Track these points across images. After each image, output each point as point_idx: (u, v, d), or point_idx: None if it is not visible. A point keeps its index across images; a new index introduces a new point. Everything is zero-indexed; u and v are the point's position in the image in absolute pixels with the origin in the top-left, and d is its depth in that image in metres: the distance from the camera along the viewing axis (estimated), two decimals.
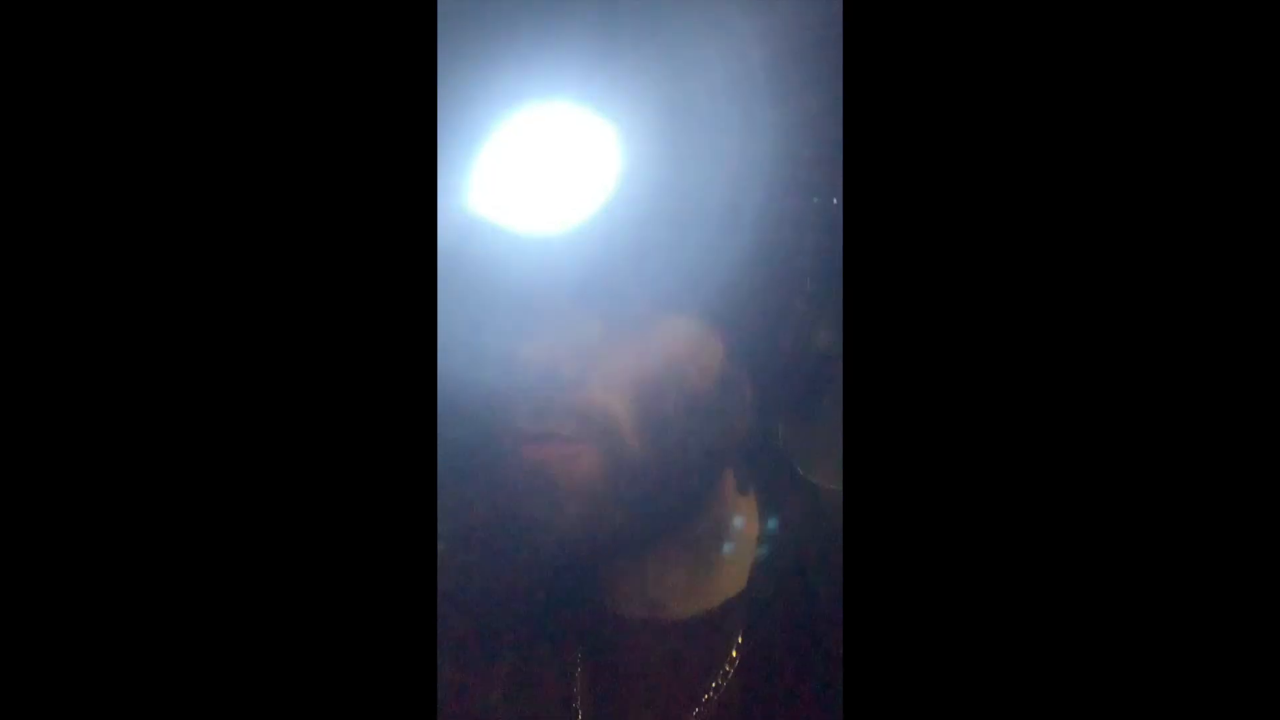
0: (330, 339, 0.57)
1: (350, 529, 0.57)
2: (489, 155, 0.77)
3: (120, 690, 0.54)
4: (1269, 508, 0.51)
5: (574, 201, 0.78)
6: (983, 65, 0.55)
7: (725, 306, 0.79)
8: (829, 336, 0.81)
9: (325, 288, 0.58)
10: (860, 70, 0.56)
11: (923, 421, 0.55)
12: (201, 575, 0.56)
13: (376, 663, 0.56)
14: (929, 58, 0.56)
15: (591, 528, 0.77)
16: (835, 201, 0.81)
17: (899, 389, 0.55)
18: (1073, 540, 0.53)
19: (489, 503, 0.85)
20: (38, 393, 0.55)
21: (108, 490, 0.55)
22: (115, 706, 0.54)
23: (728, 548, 0.88)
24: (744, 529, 0.89)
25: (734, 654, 0.84)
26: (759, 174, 0.76)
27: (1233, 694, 0.51)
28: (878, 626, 0.53)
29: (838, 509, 0.70)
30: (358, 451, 0.57)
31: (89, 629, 0.55)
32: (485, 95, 0.77)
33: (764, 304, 0.81)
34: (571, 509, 0.76)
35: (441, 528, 0.80)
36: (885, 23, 0.56)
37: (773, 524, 0.87)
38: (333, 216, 0.58)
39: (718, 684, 0.84)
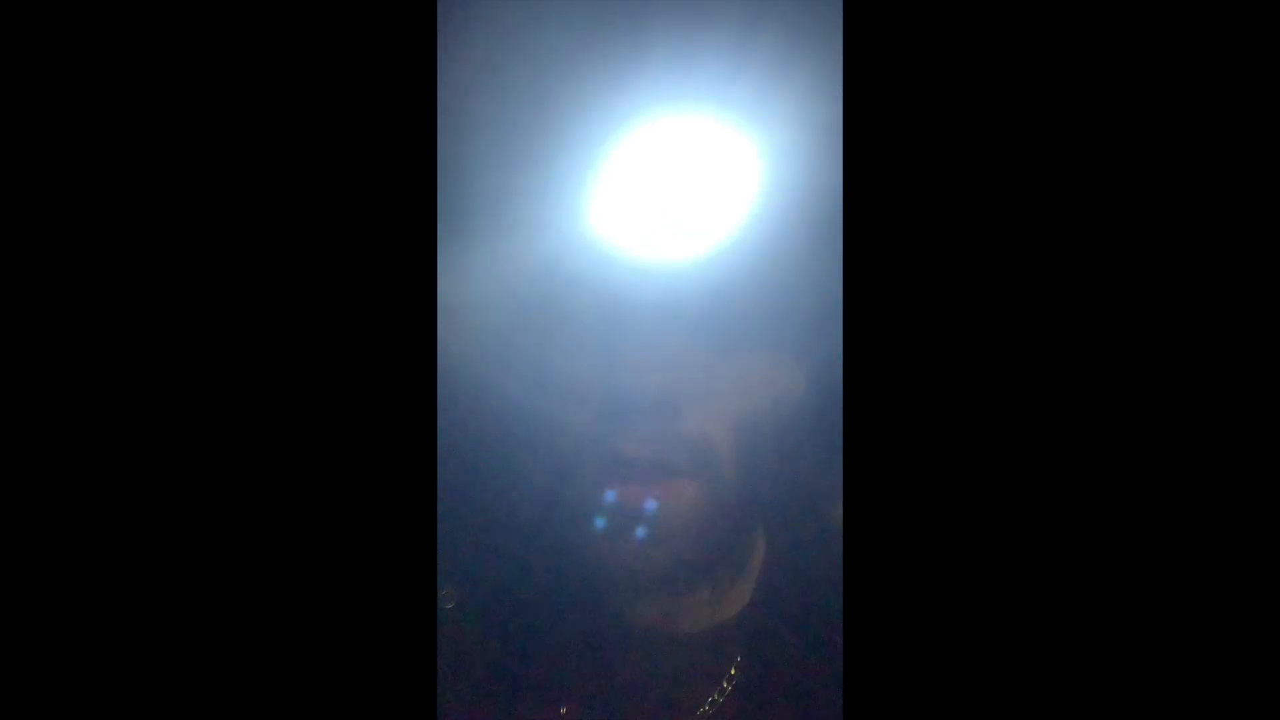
0: (333, 344, 0.57)
1: (351, 531, 0.56)
2: (614, 170, 0.71)
3: (120, 689, 0.54)
4: (1268, 508, 0.51)
5: (703, 225, 0.72)
6: (982, 65, 0.55)
7: (808, 342, 0.78)
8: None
9: (328, 291, 0.57)
10: (860, 70, 0.56)
11: (922, 422, 0.55)
12: (202, 573, 0.55)
13: (376, 661, 0.56)
14: (929, 58, 0.55)
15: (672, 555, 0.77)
16: None
17: (899, 389, 0.55)
18: (1072, 540, 0.53)
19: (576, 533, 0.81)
20: (37, 392, 0.55)
21: (112, 491, 0.55)
22: (115, 706, 0.54)
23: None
24: (757, 556, 0.87)
25: (733, 670, 0.84)
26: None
27: (1233, 694, 0.51)
28: (877, 626, 0.54)
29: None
30: (360, 453, 0.56)
31: (89, 627, 0.54)
32: (613, 104, 0.71)
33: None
34: (662, 549, 0.76)
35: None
36: (885, 22, 0.56)
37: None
38: (335, 219, 0.57)
39: (714, 699, 0.83)
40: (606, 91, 0.70)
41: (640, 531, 0.75)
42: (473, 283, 0.72)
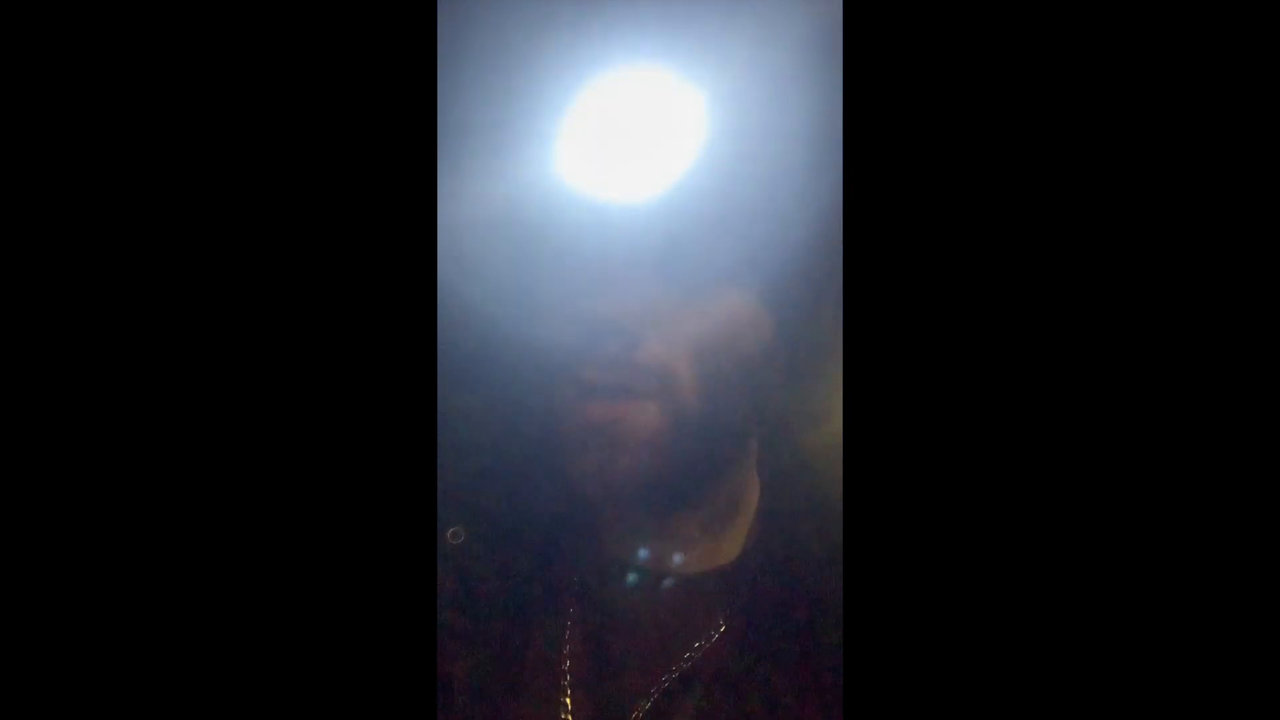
0: (332, 333, 0.57)
1: (350, 524, 0.56)
2: (575, 120, 0.76)
3: (121, 688, 0.54)
4: (1268, 508, 0.51)
5: (656, 169, 0.77)
6: (983, 66, 0.55)
7: (781, 285, 0.81)
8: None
9: (326, 280, 0.57)
10: (860, 70, 0.56)
11: (922, 419, 0.54)
12: (201, 571, 0.56)
13: (377, 652, 0.56)
14: (928, 58, 0.55)
15: (640, 480, 0.79)
16: None
17: (898, 387, 0.55)
18: (1074, 538, 0.53)
19: (542, 450, 0.85)
20: (37, 393, 0.54)
21: (115, 493, 0.55)
22: (116, 705, 0.54)
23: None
24: (752, 501, 0.89)
25: (721, 624, 0.85)
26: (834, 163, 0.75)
27: (1232, 694, 0.51)
28: (877, 626, 0.53)
29: (828, 486, 0.71)
30: (359, 446, 0.56)
31: (90, 626, 0.54)
32: (570, 58, 0.75)
33: (816, 289, 0.82)
34: (623, 461, 0.78)
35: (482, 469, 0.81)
36: (885, 22, 0.55)
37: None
38: (334, 208, 0.58)
39: (700, 644, 0.85)
40: (571, 42, 0.75)
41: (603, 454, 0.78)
42: (456, 206, 0.74)
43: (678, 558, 0.87)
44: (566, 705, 0.84)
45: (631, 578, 0.85)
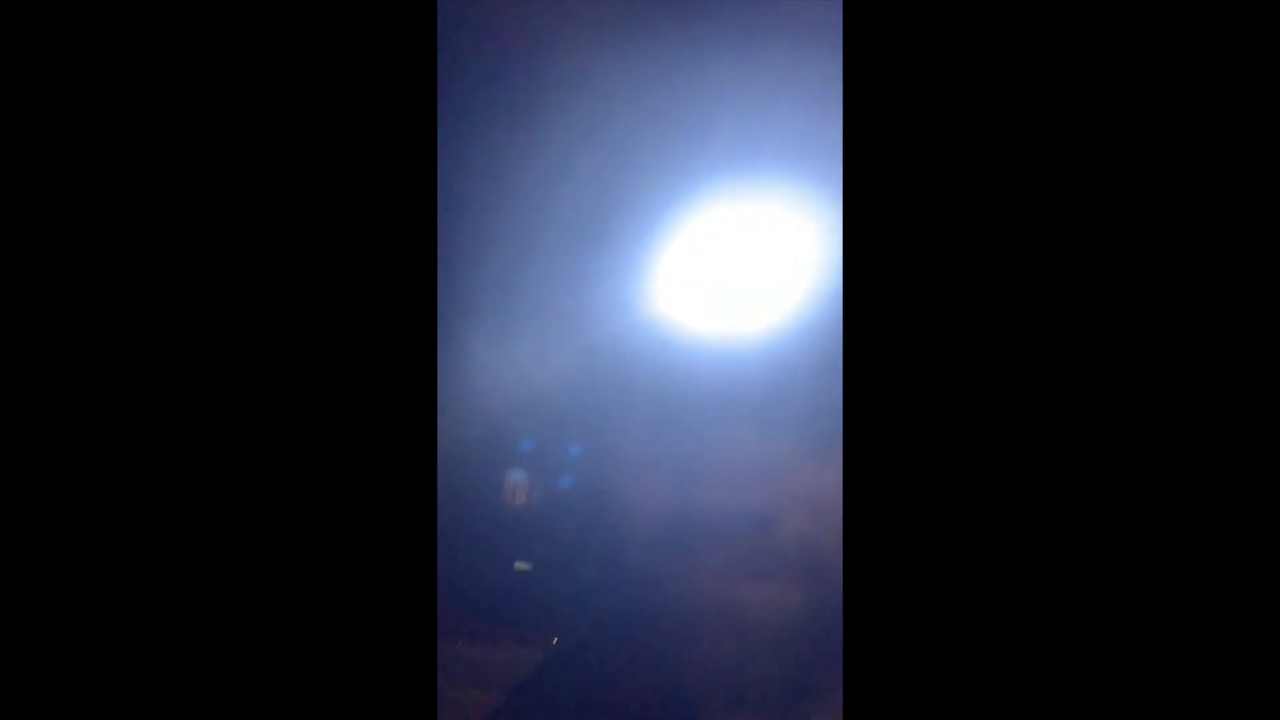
0: (337, 353, 0.57)
1: (353, 534, 0.56)
2: (675, 251, 0.72)
3: (122, 688, 0.54)
4: (1266, 508, 0.51)
5: (766, 303, 0.71)
6: (983, 68, 0.55)
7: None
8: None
9: (333, 299, 0.57)
10: (860, 71, 0.56)
11: (919, 423, 0.54)
12: (204, 574, 0.55)
13: (377, 661, 0.55)
14: (929, 59, 0.55)
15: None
16: None
17: (896, 391, 0.54)
18: (1074, 540, 0.53)
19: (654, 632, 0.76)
20: (46, 396, 0.55)
21: (119, 494, 0.55)
22: (116, 704, 0.54)
23: None
24: None
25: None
26: None
27: (1231, 694, 0.51)
28: (877, 625, 0.54)
29: None
30: (361, 458, 0.56)
31: (92, 625, 0.54)
32: (676, 186, 0.72)
33: None
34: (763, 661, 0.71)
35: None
36: (885, 23, 0.56)
37: None
38: (340, 229, 0.58)
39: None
40: (670, 173, 0.71)
41: None
42: (547, 363, 0.71)
43: None
44: None
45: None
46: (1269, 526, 0.51)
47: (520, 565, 0.77)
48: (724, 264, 0.71)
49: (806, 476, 0.71)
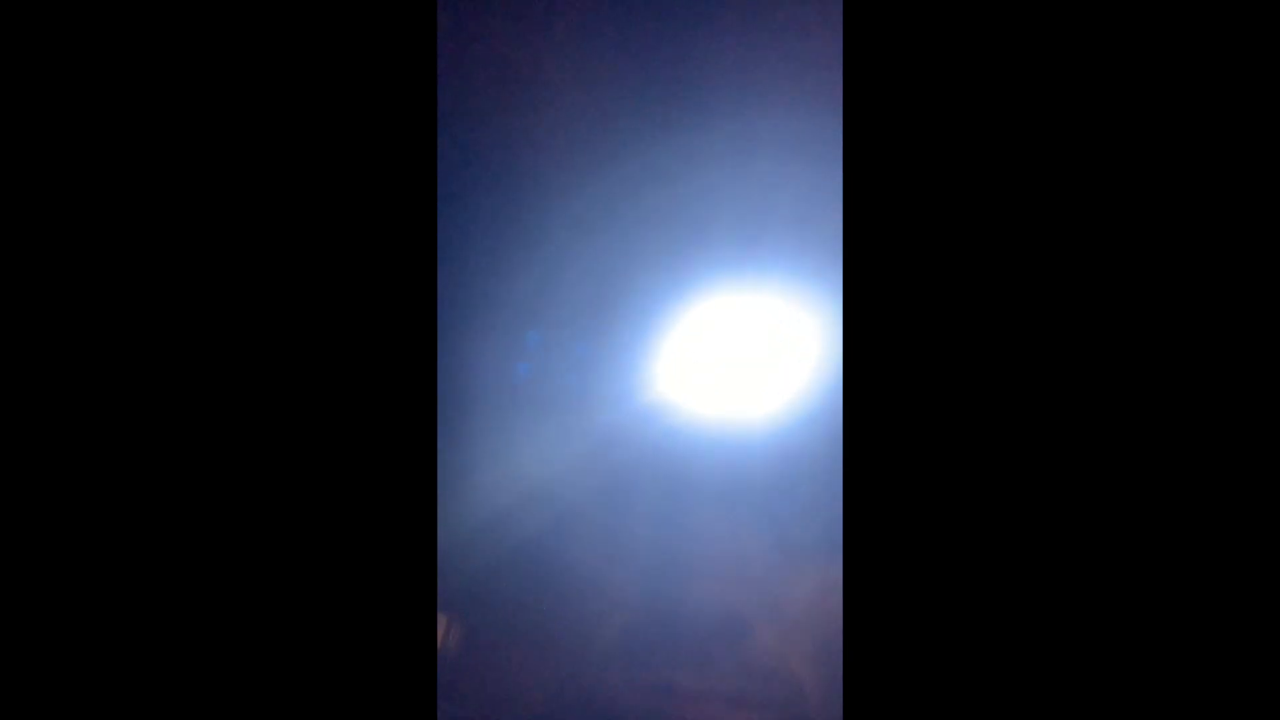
0: (337, 352, 0.56)
1: (353, 534, 0.56)
2: (677, 343, 0.72)
3: (121, 688, 0.54)
4: (1266, 509, 0.51)
5: (765, 396, 0.71)
6: (983, 69, 0.55)
7: None
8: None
9: (334, 301, 0.57)
10: (860, 71, 0.57)
11: (920, 422, 0.54)
12: (205, 576, 0.55)
13: (377, 663, 0.55)
14: (928, 61, 0.56)
15: None
16: None
17: (897, 392, 0.55)
18: (1074, 540, 0.53)
19: None
20: (42, 394, 0.55)
21: (115, 494, 0.55)
22: (115, 704, 0.54)
23: None
24: None
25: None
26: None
27: (1232, 694, 0.50)
28: (877, 626, 0.54)
29: None
30: (361, 459, 0.56)
31: (91, 625, 0.54)
32: (677, 278, 0.72)
33: None
34: None
35: None
36: (885, 24, 0.56)
37: None
38: (342, 230, 0.57)
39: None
40: (670, 267, 0.72)
41: None
42: (545, 459, 0.71)
43: None
44: None
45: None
46: (1269, 526, 0.51)
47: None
48: (722, 355, 0.72)
49: (792, 582, 0.70)
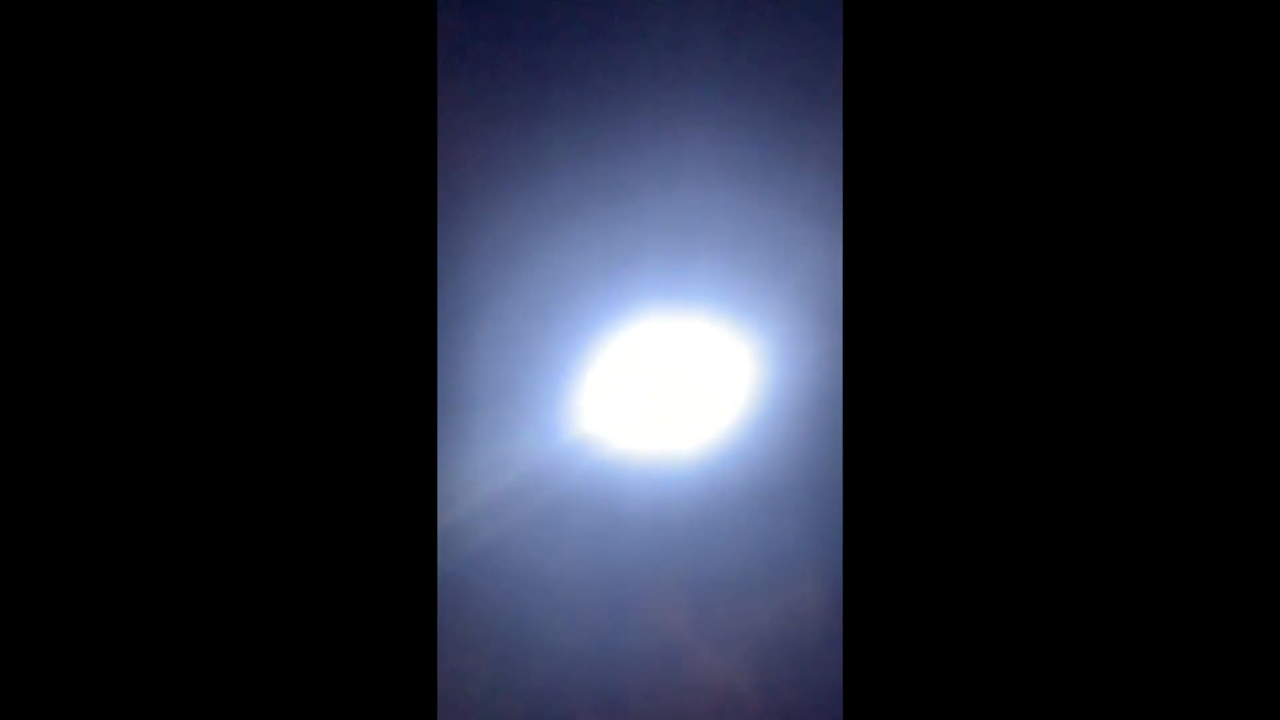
0: (338, 352, 0.56)
1: (353, 531, 0.55)
2: (606, 369, 0.69)
3: (120, 688, 0.54)
4: (1266, 508, 0.51)
5: (695, 426, 0.69)
6: (983, 71, 0.55)
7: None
8: None
9: (335, 302, 0.57)
10: (860, 71, 0.57)
11: (920, 423, 0.54)
12: (204, 574, 0.55)
13: (377, 662, 0.55)
14: (928, 63, 0.56)
15: None
16: None
17: (897, 392, 0.55)
18: (1075, 540, 0.53)
19: None
20: (41, 395, 0.54)
21: (114, 494, 0.55)
22: (115, 704, 0.53)
23: None
24: None
25: None
26: None
27: (1231, 694, 0.51)
28: (877, 627, 0.54)
29: None
30: (362, 457, 0.55)
31: (90, 625, 0.54)
32: (606, 302, 0.70)
33: None
34: None
35: None
36: (885, 26, 0.56)
37: None
38: (343, 234, 0.57)
39: None
40: (599, 291, 0.70)
41: None
42: (473, 490, 0.69)
43: None
44: None
45: None
46: (1269, 526, 0.51)
47: None
48: (652, 385, 0.70)
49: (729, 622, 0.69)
